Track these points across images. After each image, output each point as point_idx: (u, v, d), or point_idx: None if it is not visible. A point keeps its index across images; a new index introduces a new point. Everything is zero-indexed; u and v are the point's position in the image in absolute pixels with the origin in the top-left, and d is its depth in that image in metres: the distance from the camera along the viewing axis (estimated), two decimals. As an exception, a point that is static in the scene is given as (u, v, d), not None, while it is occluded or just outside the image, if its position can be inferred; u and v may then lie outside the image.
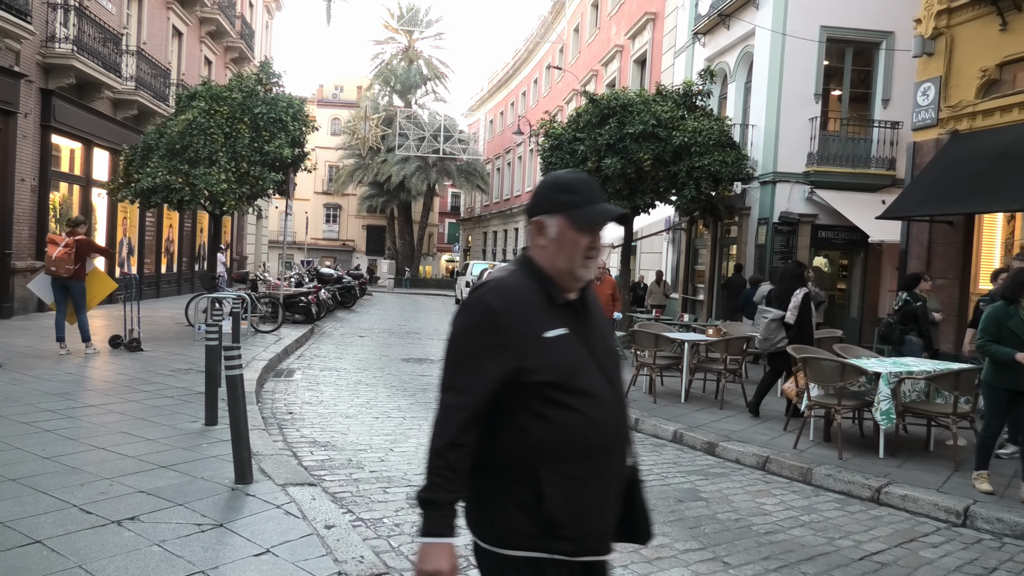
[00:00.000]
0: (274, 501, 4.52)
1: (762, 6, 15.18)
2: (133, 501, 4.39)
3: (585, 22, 30.79)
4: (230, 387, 4.95)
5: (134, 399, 7.25)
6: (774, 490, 5.79)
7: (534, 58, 39.27)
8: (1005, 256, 10.40)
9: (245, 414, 4.94)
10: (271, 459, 5.41)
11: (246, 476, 4.84)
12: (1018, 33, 9.80)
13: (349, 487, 5.26)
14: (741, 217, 15.77)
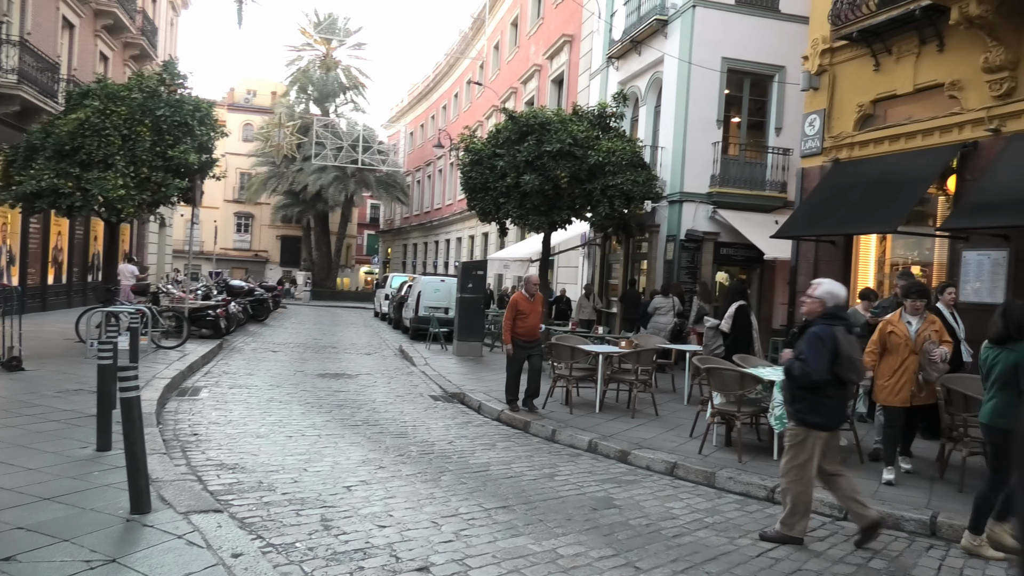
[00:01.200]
0: (175, 531, 4.30)
1: (670, 35, 16.13)
2: (10, 539, 4.03)
3: (505, 40, 31.41)
4: (125, 410, 4.64)
5: (13, 424, 6.73)
6: (681, 494, 6.31)
7: (455, 72, 39.62)
8: (878, 273, 11.56)
9: (142, 437, 4.68)
10: (172, 485, 5.19)
11: (143, 505, 4.54)
12: (889, 74, 10.95)
13: (259, 511, 5.11)
14: (651, 234, 16.63)
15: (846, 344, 4.90)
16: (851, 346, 4.95)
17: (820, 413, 5.00)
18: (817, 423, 5.00)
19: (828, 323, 4.97)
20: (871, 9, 10.79)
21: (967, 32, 9.38)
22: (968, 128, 9.69)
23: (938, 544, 5.28)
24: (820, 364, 4.83)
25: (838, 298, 5.12)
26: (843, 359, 4.87)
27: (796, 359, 5.04)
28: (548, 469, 6.92)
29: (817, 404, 4.99)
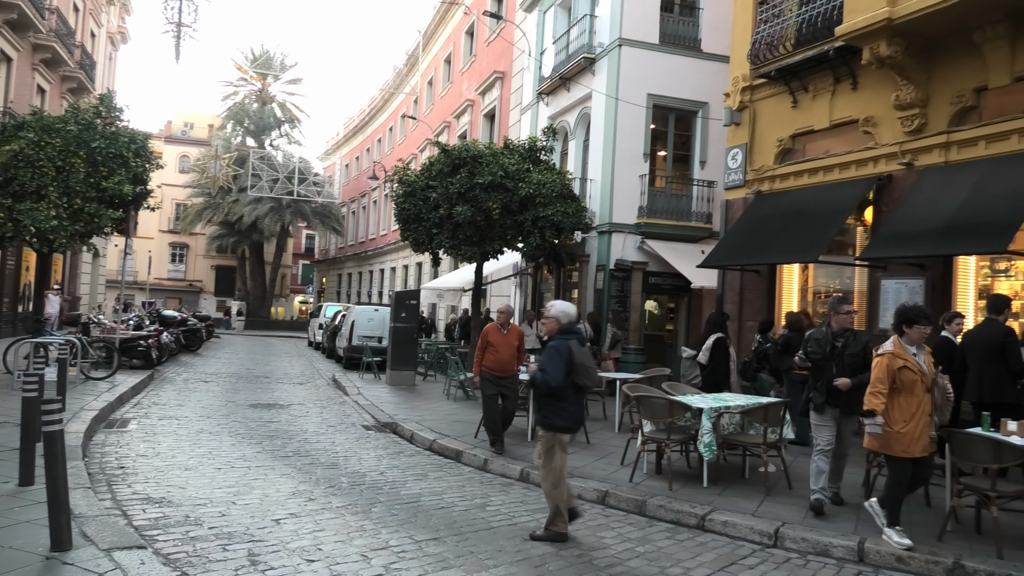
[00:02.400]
0: (95, 568, 4.21)
1: (598, 72, 16.50)
2: (-82, 580, 3.97)
3: (439, 76, 31.68)
4: (47, 444, 4.54)
5: (-69, 459, 6.52)
6: (613, 523, 6.23)
7: (390, 107, 39.75)
8: (801, 301, 11.91)
9: (64, 472, 4.59)
10: (95, 521, 5.05)
11: (64, 542, 4.45)
12: (806, 110, 11.42)
13: (185, 547, 4.99)
14: (581, 264, 16.79)
15: (579, 354, 5.63)
16: (584, 356, 5.70)
17: (563, 417, 5.67)
18: (562, 426, 5.67)
19: (564, 337, 5.70)
20: (788, 49, 11.28)
21: (879, 71, 9.87)
22: (882, 162, 10.15)
23: (866, 570, 5.31)
24: (557, 372, 5.53)
25: (570, 316, 5.86)
26: (578, 367, 5.59)
27: (539, 370, 5.69)
28: (480, 500, 6.78)
29: (560, 409, 5.65)
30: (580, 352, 5.64)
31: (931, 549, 5.41)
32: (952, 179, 8.97)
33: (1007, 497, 5.68)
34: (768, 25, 11.71)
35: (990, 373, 6.77)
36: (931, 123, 9.59)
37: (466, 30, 27.92)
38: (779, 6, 11.62)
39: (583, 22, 17.22)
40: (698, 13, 16.65)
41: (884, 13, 9.10)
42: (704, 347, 9.40)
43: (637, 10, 15.87)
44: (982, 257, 9.20)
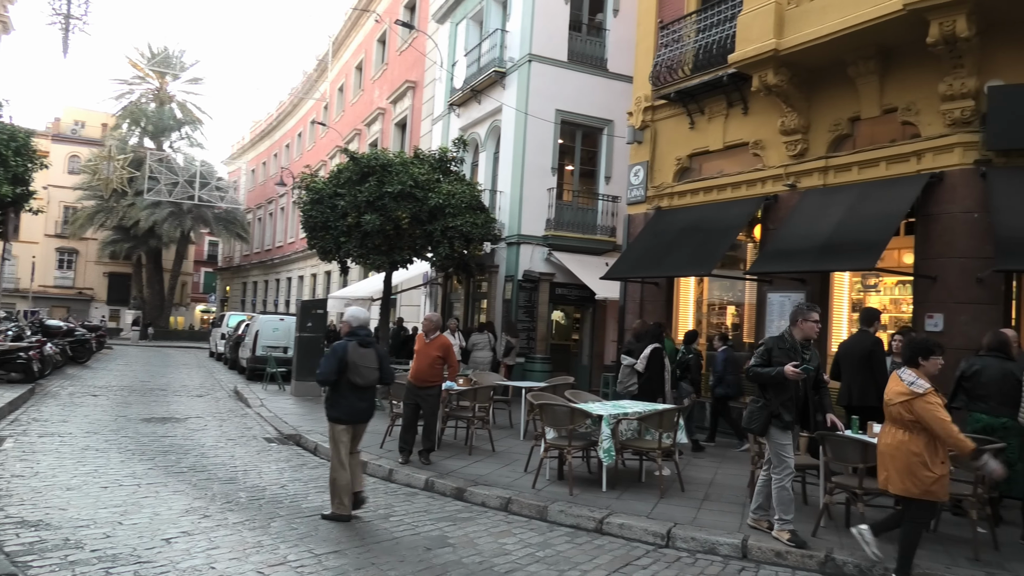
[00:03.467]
0: None
1: (508, 86, 16.83)
2: None
3: (350, 83, 31.32)
4: None
5: None
6: (515, 529, 6.38)
7: (299, 112, 38.95)
8: (696, 312, 12.51)
9: None
10: None
11: None
12: (703, 131, 12.05)
13: (63, 572, 4.72)
14: (490, 274, 17.01)
15: (355, 355, 6.23)
16: (360, 356, 6.26)
17: (337, 408, 6.31)
18: (335, 417, 6.32)
19: (347, 339, 6.34)
20: (686, 73, 11.89)
21: (767, 98, 10.56)
22: (770, 183, 10.85)
23: (748, 566, 5.66)
24: (328, 368, 6.20)
25: (360, 320, 6.50)
26: (351, 366, 6.20)
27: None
28: (383, 510, 6.78)
29: (335, 402, 6.31)
30: (356, 353, 6.25)
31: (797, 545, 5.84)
32: (830, 201, 9.70)
33: (872, 494, 6.20)
34: (668, 49, 12.31)
35: (859, 380, 7.37)
36: (812, 148, 10.34)
37: (378, 38, 27.80)
38: (679, 32, 12.24)
39: (494, 36, 17.53)
40: (604, 34, 17.25)
41: (771, 44, 9.77)
42: (642, 356, 9.72)
43: (546, 27, 16.31)
44: (855, 273, 9.99)
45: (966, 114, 8.57)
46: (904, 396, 4.95)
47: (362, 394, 6.40)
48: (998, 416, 6.32)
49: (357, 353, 6.25)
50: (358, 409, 6.42)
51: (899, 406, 4.97)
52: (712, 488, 7.82)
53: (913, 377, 5.01)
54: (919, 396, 4.89)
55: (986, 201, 8.25)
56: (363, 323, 6.51)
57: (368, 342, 6.42)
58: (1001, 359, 6.47)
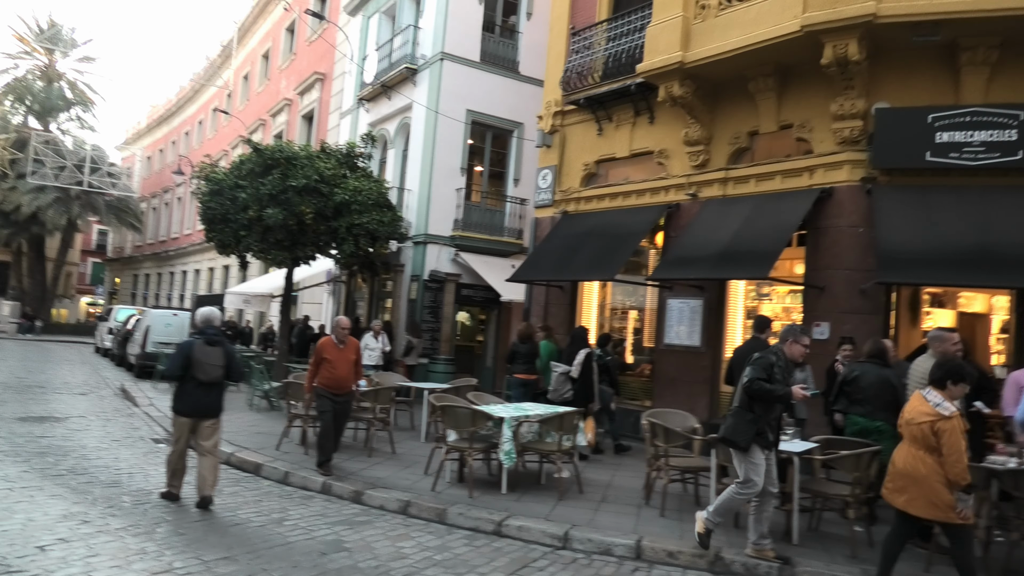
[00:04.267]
0: None
1: (419, 84, 16.63)
2: None
3: (255, 71, 30.20)
4: None
5: None
6: (413, 533, 6.26)
7: (200, 98, 37.21)
8: (600, 316, 12.72)
9: None
10: None
11: None
12: (609, 139, 12.27)
13: None
14: (396, 273, 16.75)
15: (199, 352, 6.58)
16: (203, 353, 6.59)
17: (180, 402, 6.66)
18: (178, 409, 6.67)
19: (193, 337, 6.80)
20: (595, 80, 12.07)
21: (672, 109, 10.85)
22: (672, 191, 11.14)
23: (642, 566, 5.76)
24: (173, 365, 6.63)
25: (206, 319, 6.84)
26: (194, 363, 6.53)
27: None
28: (277, 514, 6.52)
29: (179, 395, 6.67)
30: (201, 350, 6.60)
31: (697, 544, 5.99)
32: (728, 211, 10.06)
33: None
34: (579, 55, 12.46)
35: (751, 384, 7.63)
36: (713, 159, 10.70)
37: (287, 27, 26.93)
38: (590, 39, 12.41)
39: (407, 32, 17.29)
40: (517, 36, 17.33)
41: (678, 56, 10.04)
42: (575, 362, 9.66)
43: (460, 26, 16.22)
44: (750, 281, 10.40)
45: (855, 133, 9.07)
46: (930, 417, 4.87)
47: (206, 390, 6.66)
48: (873, 419, 6.68)
49: (202, 351, 6.60)
50: (201, 404, 6.69)
51: (924, 426, 4.88)
52: (610, 490, 7.93)
53: (940, 399, 4.95)
54: (946, 418, 4.82)
55: (870, 217, 8.76)
56: (210, 322, 6.86)
57: (215, 340, 6.73)
58: (879, 366, 6.85)
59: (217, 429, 6.83)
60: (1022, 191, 8.27)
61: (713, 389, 10.29)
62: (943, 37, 8.34)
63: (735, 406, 5.65)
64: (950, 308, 10.54)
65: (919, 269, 8.08)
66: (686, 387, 10.52)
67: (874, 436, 6.59)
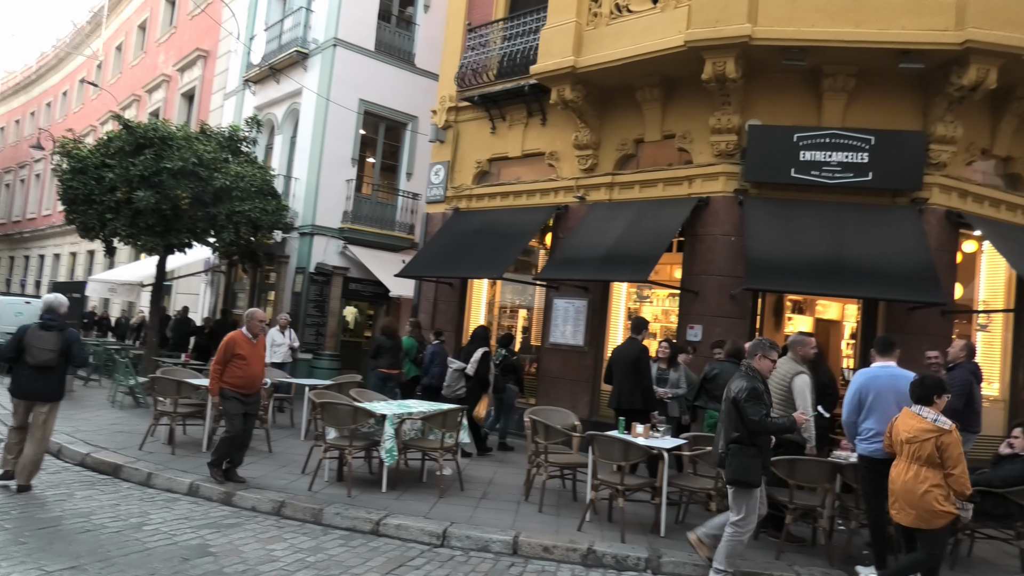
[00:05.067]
0: None
1: (310, 69, 16.11)
2: None
3: (130, 42, 28.25)
4: None
5: None
6: (286, 535, 6.08)
7: (65, 67, 34.36)
8: (488, 314, 12.81)
9: None
10: None
11: None
12: (503, 137, 12.37)
13: None
14: (280, 265, 16.19)
15: (31, 336, 6.71)
16: (35, 338, 6.71)
17: (14, 383, 6.79)
18: (11, 390, 6.83)
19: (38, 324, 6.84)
20: (490, 78, 12.13)
21: (563, 112, 11.06)
22: (562, 193, 11.37)
23: (518, 561, 5.86)
24: (7, 347, 6.78)
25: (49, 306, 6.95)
26: (26, 347, 6.67)
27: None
28: (136, 518, 6.14)
29: (13, 377, 6.79)
30: (34, 335, 6.72)
31: (571, 538, 6.18)
32: (614, 215, 10.38)
33: (632, 489, 6.70)
34: (475, 52, 12.48)
35: (627, 384, 7.93)
36: (601, 164, 11.00)
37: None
38: (486, 37, 12.45)
39: (298, 14, 16.72)
40: (414, 28, 17.13)
41: (570, 61, 10.25)
42: (472, 360, 9.69)
43: (354, 13, 15.83)
44: (632, 284, 10.78)
45: (730, 147, 9.58)
46: (933, 433, 5.06)
47: (38, 374, 6.71)
48: None
49: (35, 335, 6.71)
50: (33, 388, 6.76)
51: (929, 443, 5.05)
52: (491, 487, 8.01)
53: (935, 414, 5.17)
54: (947, 432, 5.06)
55: (741, 227, 9.28)
56: (52, 308, 6.96)
57: (49, 325, 6.80)
58: (736, 364, 7.29)
59: (51, 416, 6.87)
60: (871, 209, 9.04)
61: (595, 388, 10.59)
62: (809, 62, 8.96)
63: (732, 444, 5.36)
64: (809, 314, 11.37)
65: (782, 277, 8.65)
66: (569, 385, 10.77)
67: None
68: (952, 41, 8.27)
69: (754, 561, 5.95)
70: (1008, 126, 9.40)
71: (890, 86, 9.11)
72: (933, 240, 8.87)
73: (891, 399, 5.61)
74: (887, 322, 9.16)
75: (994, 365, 9.56)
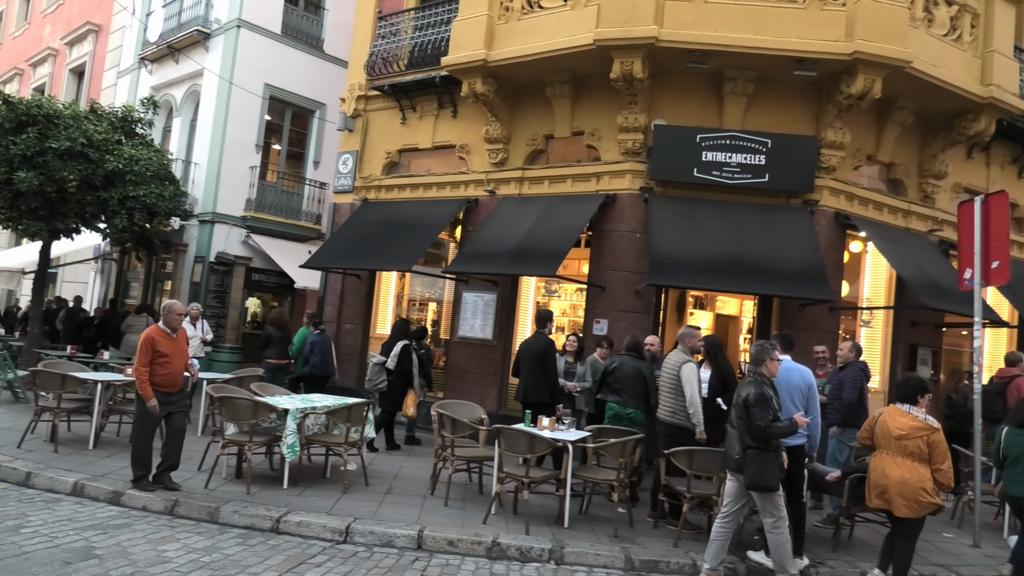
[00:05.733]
0: None
1: (212, 50, 15.44)
2: None
3: (12, 12, 26.25)
4: None
5: None
6: (179, 535, 5.82)
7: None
8: (397, 307, 12.66)
9: None
10: None
11: None
12: (413, 128, 12.23)
13: None
14: (178, 253, 15.47)
15: None
16: None
17: None
18: None
19: None
20: (401, 68, 11.96)
21: (475, 105, 11.02)
22: (472, 186, 11.34)
23: (422, 555, 5.82)
24: None
25: None
26: None
27: None
28: (13, 521, 5.75)
29: None
30: None
31: (476, 531, 6.19)
32: (523, 209, 10.45)
33: (537, 482, 6.78)
34: (386, 41, 12.27)
35: (534, 377, 8.02)
36: (511, 158, 11.05)
37: (54, -35, 23.73)
38: (397, 25, 12.26)
39: (199, -8, 15.97)
40: (323, 13, 16.68)
41: (481, 54, 10.22)
42: (392, 353, 9.55)
43: (260, -7, 15.27)
44: (540, 278, 10.89)
45: (636, 145, 9.82)
46: (924, 431, 5.47)
47: None
48: (626, 407, 7.34)
49: None
50: None
51: (920, 440, 5.46)
52: (396, 481, 7.93)
53: (922, 413, 5.57)
54: (936, 430, 5.49)
55: (647, 224, 9.53)
56: None
57: None
58: (635, 358, 7.51)
59: None
60: (768, 210, 9.47)
61: (503, 381, 10.65)
62: (712, 66, 9.29)
63: (749, 449, 5.42)
64: (710, 310, 11.81)
65: (684, 274, 8.94)
66: (478, 379, 10.79)
67: (625, 422, 7.26)
68: (842, 51, 8.76)
69: (653, 549, 6.14)
70: (891, 134, 10.05)
71: (786, 92, 9.57)
72: (823, 240, 9.38)
73: (783, 391, 5.89)
74: (781, 318, 9.64)
75: (875, 359, 10.21)
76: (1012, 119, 10.49)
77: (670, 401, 6.92)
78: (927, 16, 9.53)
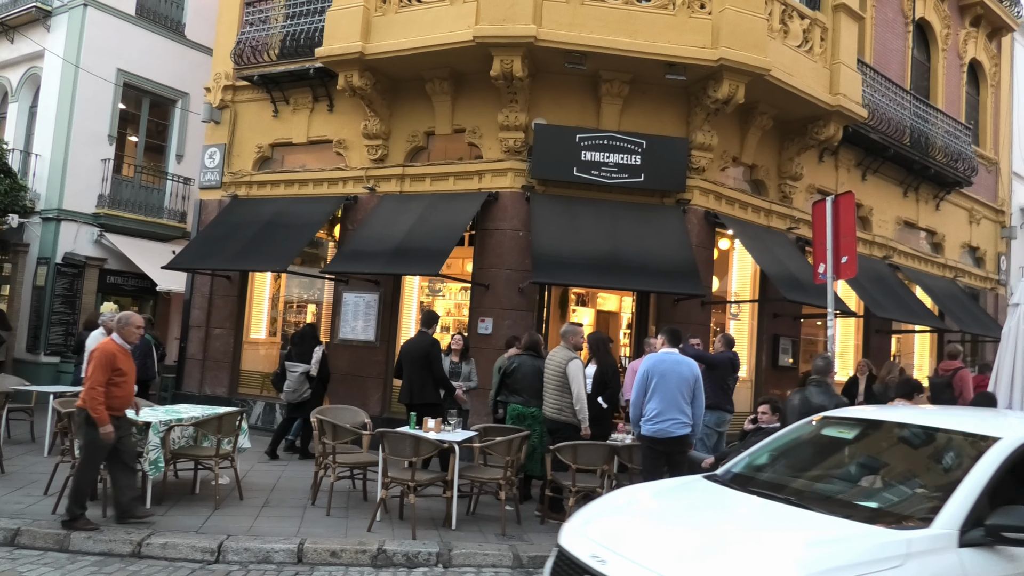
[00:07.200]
0: None
1: (55, 30, 14.10)
2: None
3: None
4: None
5: None
6: (21, 567, 5.23)
7: None
8: (272, 310, 12.09)
9: None
10: None
11: None
12: (287, 122, 11.69)
13: None
14: (17, 254, 14.02)
15: None
16: None
17: None
18: None
19: None
20: (272, 58, 11.39)
21: (352, 99, 10.66)
22: (351, 183, 10.98)
23: (303, 570, 5.54)
24: None
25: None
26: None
27: None
28: None
29: None
30: None
31: (361, 540, 5.96)
32: (405, 207, 10.22)
33: (423, 485, 6.63)
34: (254, 28, 11.64)
35: (418, 378, 7.85)
36: (392, 155, 10.79)
37: None
38: (266, 12, 11.67)
39: (39, -34, 14.52)
40: (185, -4, 15.64)
41: (358, 47, 9.90)
42: (314, 361, 9.18)
43: (110, -30, 14.10)
44: (424, 277, 10.70)
45: (517, 144, 9.84)
46: None
47: None
48: (528, 406, 7.33)
49: None
50: None
51: None
52: (274, 493, 7.52)
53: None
54: None
55: (529, 222, 9.58)
56: None
57: None
58: (533, 357, 7.52)
59: None
60: (643, 208, 9.78)
61: (387, 384, 10.38)
62: (589, 67, 9.46)
63: None
64: (591, 306, 12.07)
65: (565, 272, 9.06)
66: (360, 382, 10.46)
67: (528, 421, 7.24)
68: (708, 58, 9.16)
69: (540, 545, 6.14)
70: (753, 138, 10.64)
71: (659, 95, 9.91)
72: (694, 238, 9.79)
73: (672, 382, 6.05)
74: (658, 313, 9.98)
75: (743, 349, 10.79)
76: (856, 126, 11.41)
77: (556, 398, 6.96)
78: (783, 28, 10.15)
